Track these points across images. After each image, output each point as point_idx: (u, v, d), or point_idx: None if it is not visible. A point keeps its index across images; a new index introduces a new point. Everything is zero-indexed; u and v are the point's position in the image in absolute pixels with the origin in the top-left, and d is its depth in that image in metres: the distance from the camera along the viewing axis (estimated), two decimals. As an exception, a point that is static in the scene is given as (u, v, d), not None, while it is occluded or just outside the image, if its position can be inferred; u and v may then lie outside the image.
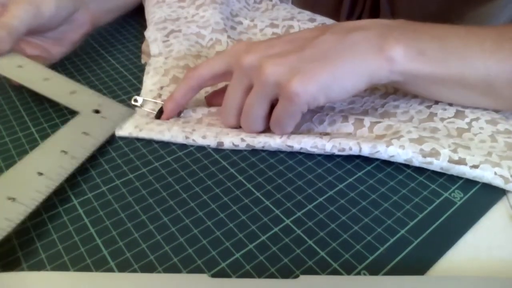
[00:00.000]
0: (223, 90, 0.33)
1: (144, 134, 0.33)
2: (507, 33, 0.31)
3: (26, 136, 0.34)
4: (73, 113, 0.35)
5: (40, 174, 0.28)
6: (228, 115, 0.33)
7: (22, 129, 0.35)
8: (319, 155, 0.32)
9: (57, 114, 0.36)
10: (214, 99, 0.37)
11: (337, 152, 0.31)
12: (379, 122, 0.33)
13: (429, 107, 0.34)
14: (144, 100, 0.37)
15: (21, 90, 0.37)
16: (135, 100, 0.37)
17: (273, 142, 0.32)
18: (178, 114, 0.36)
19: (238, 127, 0.34)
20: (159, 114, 0.35)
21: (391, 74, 0.30)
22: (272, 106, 0.31)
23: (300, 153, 0.32)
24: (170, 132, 0.33)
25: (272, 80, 0.29)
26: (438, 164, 0.29)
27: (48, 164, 0.29)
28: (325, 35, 0.31)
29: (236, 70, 0.32)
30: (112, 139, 0.34)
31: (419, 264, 0.25)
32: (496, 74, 0.30)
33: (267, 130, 0.33)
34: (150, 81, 0.39)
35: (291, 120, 0.31)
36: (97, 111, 0.34)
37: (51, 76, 0.36)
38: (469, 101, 0.33)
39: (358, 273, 0.24)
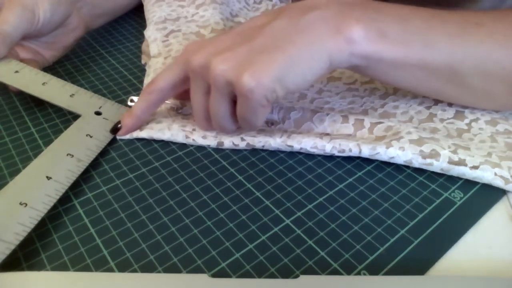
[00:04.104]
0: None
1: (144, 134, 0.33)
2: (472, 18, 0.30)
3: (26, 135, 0.34)
4: (72, 113, 0.35)
5: (49, 178, 0.28)
6: (199, 120, 0.32)
7: (22, 129, 0.35)
8: (319, 155, 0.32)
9: (57, 115, 0.36)
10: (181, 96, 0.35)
11: (336, 153, 0.31)
12: (379, 123, 0.33)
13: (428, 107, 0.34)
14: None
15: (22, 92, 0.37)
16: (131, 100, 0.36)
17: (273, 141, 0.32)
18: (177, 110, 0.36)
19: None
20: (115, 129, 0.33)
21: (351, 57, 0.28)
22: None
23: (300, 153, 0.32)
24: (170, 130, 0.33)
25: (222, 79, 0.27)
26: (438, 165, 0.29)
27: (55, 168, 0.29)
28: (276, 20, 0.29)
29: (190, 73, 0.30)
30: (112, 139, 0.34)
31: (419, 264, 0.25)
32: (461, 59, 0.29)
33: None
34: (150, 81, 0.39)
35: (255, 116, 0.29)
36: (98, 113, 0.35)
37: (48, 80, 0.36)
38: (432, 89, 0.32)
39: (358, 273, 0.24)
